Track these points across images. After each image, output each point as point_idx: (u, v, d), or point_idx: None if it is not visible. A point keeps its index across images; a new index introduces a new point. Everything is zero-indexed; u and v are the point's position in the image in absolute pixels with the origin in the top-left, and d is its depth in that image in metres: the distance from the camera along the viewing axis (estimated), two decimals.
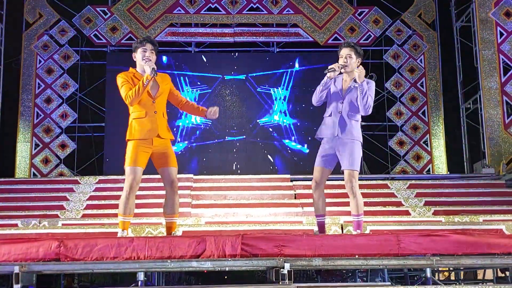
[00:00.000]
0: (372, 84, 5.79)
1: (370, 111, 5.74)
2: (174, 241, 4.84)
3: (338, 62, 5.78)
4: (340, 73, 5.80)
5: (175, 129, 13.56)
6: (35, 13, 13.92)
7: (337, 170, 5.94)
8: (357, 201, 5.66)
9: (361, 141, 5.80)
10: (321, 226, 5.89)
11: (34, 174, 13.38)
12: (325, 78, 5.74)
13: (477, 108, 13.49)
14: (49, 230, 7.69)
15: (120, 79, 5.73)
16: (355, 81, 5.74)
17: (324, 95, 5.82)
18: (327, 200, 6.10)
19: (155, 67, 5.64)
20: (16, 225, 8.61)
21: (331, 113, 5.78)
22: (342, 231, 7.31)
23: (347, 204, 6.35)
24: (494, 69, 13.04)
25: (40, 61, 13.81)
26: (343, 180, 5.74)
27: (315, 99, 5.86)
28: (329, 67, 5.71)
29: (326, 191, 5.91)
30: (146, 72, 5.61)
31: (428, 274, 4.78)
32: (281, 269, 4.54)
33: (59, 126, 13.66)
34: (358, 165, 5.72)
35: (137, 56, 5.74)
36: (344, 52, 5.80)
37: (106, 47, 14.15)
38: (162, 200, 9.90)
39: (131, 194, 5.66)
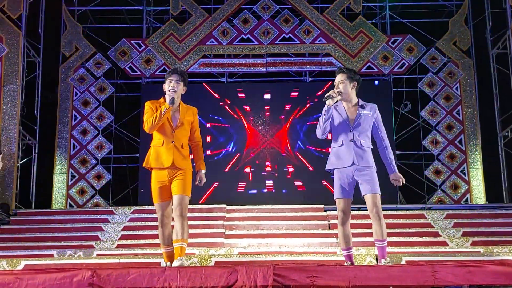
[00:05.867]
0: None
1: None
2: (206, 271, 4.84)
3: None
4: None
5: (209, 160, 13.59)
6: (72, 46, 14.21)
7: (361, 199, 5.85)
8: (383, 226, 5.58)
9: (375, 167, 5.77)
10: (352, 259, 5.84)
11: (70, 205, 13.52)
12: (325, 106, 5.70)
13: None
14: (84, 261, 7.76)
15: (146, 106, 5.91)
16: (361, 107, 5.75)
17: (329, 126, 5.75)
18: (360, 230, 6.05)
19: (175, 97, 5.75)
20: (52, 255, 8.76)
21: (342, 143, 5.71)
22: (377, 262, 7.18)
23: None
24: None
25: (76, 94, 14.05)
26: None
27: (320, 132, 5.78)
28: (326, 95, 5.70)
29: (358, 221, 5.86)
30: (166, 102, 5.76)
31: None
32: None
33: (94, 157, 13.81)
34: (379, 189, 5.66)
35: (165, 86, 5.90)
36: (336, 79, 5.81)
37: (140, 79, 14.33)
38: (198, 231, 10.10)
39: (163, 227, 5.92)
